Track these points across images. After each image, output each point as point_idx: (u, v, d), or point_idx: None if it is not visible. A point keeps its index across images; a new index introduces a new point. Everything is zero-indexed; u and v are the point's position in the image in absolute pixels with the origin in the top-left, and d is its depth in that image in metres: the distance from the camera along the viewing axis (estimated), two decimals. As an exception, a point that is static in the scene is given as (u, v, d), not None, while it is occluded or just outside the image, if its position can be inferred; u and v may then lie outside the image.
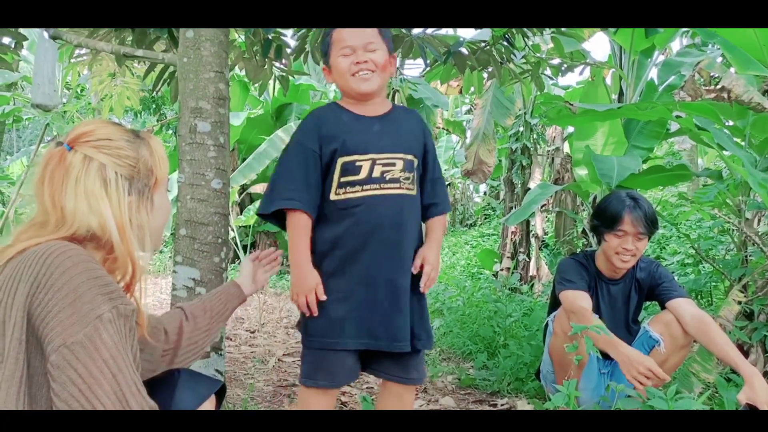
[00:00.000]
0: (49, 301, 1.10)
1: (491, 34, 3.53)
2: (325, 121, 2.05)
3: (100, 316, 1.10)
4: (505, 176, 7.58)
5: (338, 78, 2.05)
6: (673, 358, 2.61)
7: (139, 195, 1.30)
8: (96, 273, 1.15)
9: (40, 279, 1.11)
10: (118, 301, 1.15)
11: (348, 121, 2.05)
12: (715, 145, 3.07)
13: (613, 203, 2.67)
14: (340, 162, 1.99)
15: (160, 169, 1.36)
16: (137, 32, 3.09)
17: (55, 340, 1.08)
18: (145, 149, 1.34)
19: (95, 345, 1.09)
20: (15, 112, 10.48)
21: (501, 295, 5.21)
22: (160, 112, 11.08)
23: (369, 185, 1.99)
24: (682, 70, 4.89)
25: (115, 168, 1.27)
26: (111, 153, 1.27)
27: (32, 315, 1.11)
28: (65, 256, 1.14)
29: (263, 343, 4.48)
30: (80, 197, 1.23)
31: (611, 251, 2.65)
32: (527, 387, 3.27)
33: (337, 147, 1.99)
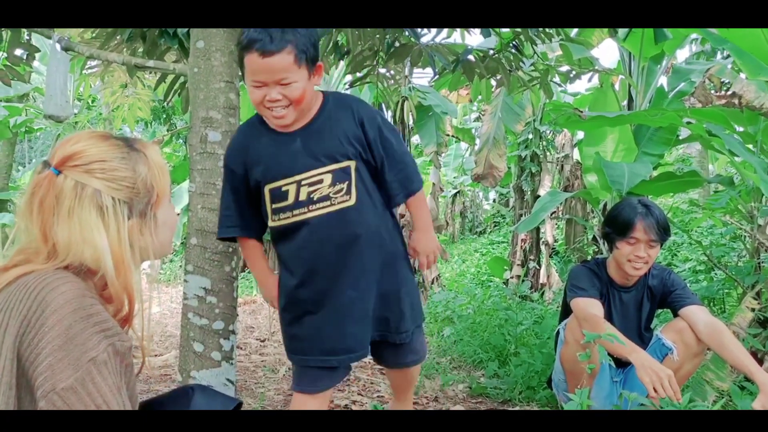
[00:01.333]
0: (39, 343, 1.01)
1: (498, 41, 3.54)
2: (248, 143, 2.01)
3: (93, 358, 1.02)
4: (514, 183, 7.57)
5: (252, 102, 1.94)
6: (687, 366, 2.59)
7: (140, 217, 1.20)
8: (90, 309, 1.06)
9: (30, 317, 1.03)
10: (114, 338, 1.06)
11: (268, 143, 1.97)
12: (726, 152, 3.06)
13: (625, 210, 2.66)
14: (267, 188, 1.98)
15: (161, 183, 1.24)
16: (148, 43, 3.12)
17: (45, 385, 1.00)
18: (143, 164, 1.21)
19: (87, 390, 1.01)
20: (27, 122, 10.59)
21: (511, 302, 5.19)
22: (171, 122, 11.18)
23: (298, 209, 1.95)
24: (692, 76, 4.87)
25: (111, 193, 1.15)
26: (106, 176, 1.15)
27: (22, 356, 1.03)
28: (58, 291, 1.05)
29: (273, 352, 4.48)
30: (74, 229, 1.12)
31: (623, 259, 2.63)
32: (539, 395, 3.25)
33: (261, 173, 1.97)
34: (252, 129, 2.03)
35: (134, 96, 4.60)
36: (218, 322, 2.48)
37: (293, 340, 2.09)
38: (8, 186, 12.21)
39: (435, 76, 3.77)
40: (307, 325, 2.04)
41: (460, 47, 3.55)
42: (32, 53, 3.40)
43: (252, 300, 6.97)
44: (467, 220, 16.95)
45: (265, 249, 2.23)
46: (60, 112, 2.92)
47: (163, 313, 6.20)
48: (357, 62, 3.71)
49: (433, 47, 3.39)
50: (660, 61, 5.22)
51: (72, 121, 9.58)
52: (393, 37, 3.46)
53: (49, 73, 2.94)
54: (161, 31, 2.95)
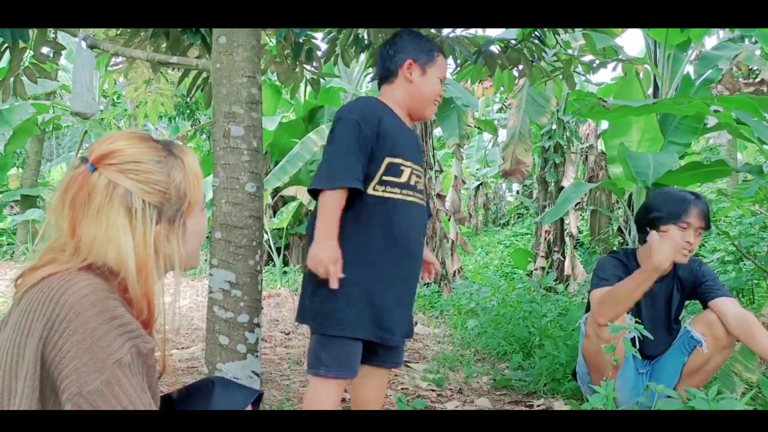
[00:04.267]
0: (63, 346, 1.01)
1: (520, 32, 3.50)
2: (382, 115, 2.10)
3: (118, 360, 1.02)
4: (538, 175, 7.51)
5: (420, 92, 2.18)
6: (716, 359, 2.55)
7: (169, 224, 1.18)
8: (115, 312, 1.05)
9: (54, 320, 1.03)
10: (138, 340, 1.06)
11: (398, 124, 2.15)
12: (755, 140, 3.00)
13: (676, 196, 2.60)
14: (387, 161, 2.07)
15: (194, 192, 1.22)
16: (171, 39, 3.15)
17: (71, 388, 1.00)
18: (178, 170, 1.20)
19: (113, 392, 1.01)
20: (55, 119, 10.78)
21: (536, 294, 5.17)
22: (194, 117, 11.26)
23: (407, 190, 2.10)
24: (719, 63, 4.79)
25: (142, 195, 1.14)
26: (139, 178, 1.14)
27: (46, 359, 1.02)
28: (81, 293, 1.05)
29: (298, 345, 4.51)
30: (101, 227, 1.11)
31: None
32: (564, 387, 3.23)
33: (388, 146, 2.07)
34: (381, 105, 2.16)
35: (157, 91, 4.65)
36: (243, 315, 2.50)
37: (345, 311, 2.00)
38: (37, 182, 12.43)
39: (456, 68, 3.74)
40: (374, 298, 2.02)
41: (481, 39, 3.52)
42: (58, 51, 3.45)
43: (276, 293, 7.03)
44: (490, 211, 16.88)
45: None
46: (86, 109, 2.97)
47: (189, 306, 6.28)
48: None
49: (454, 39, 3.37)
50: (686, 49, 5.14)
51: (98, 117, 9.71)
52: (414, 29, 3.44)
53: (75, 71, 2.98)
54: (184, 28, 2.97)
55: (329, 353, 2.02)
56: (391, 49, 2.20)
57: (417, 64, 2.17)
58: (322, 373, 2.02)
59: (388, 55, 2.20)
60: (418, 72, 2.17)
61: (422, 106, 2.21)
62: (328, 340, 2.02)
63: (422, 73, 2.18)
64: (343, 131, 2.02)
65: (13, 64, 3.22)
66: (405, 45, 2.19)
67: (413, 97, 2.19)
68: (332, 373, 2.02)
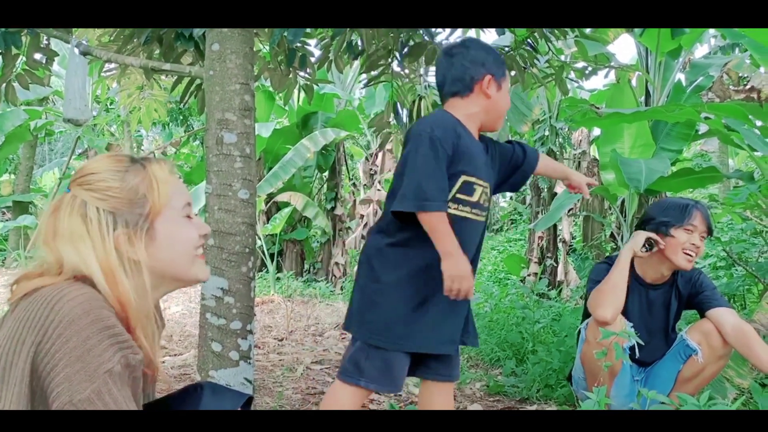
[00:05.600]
0: (56, 354, 1.02)
1: (513, 39, 3.52)
2: (460, 132, 2.03)
3: (109, 370, 1.04)
4: (531, 181, 7.53)
5: (497, 108, 2.13)
6: (710, 369, 2.55)
7: (128, 227, 1.18)
8: (107, 321, 1.07)
9: (47, 328, 1.04)
10: (128, 351, 1.08)
11: (472, 141, 2.08)
12: (745, 147, 3.03)
13: (678, 201, 2.67)
14: (463, 179, 2.01)
15: (156, 195, 1.22)
16: (164, 46, 3.15)
17: (62, 396, 1.01)
18: (136, 176, 1.21)
19: (104, 401, 1.02)
20: (47, 125, 10.75)
21: (529, 300, 5.16)
22: (188, 123, 11.25)
23: (476, 209, 2.07)
24: (710, 70, 4.83)
25: (95, 203, 1.17)
26: (92, 187, 1.18)
27: (38, 367, 1.03)
28: (75, 302, 1.06)
29: (291, 351, 4.50)
30: (65, 240, 1.15)
31: (677, 248, 2.57)
32: (557, 393, 3.24)
33: (465, 164, 2.01)
34: (459, 124, 2.07)
35: (151, 98, 4.64)
36: (236, 322, 2.50)
37: (398, 324, 1.96)
38: (29, 188, 12.38)
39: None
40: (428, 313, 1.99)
41: (474, 45, 3.54)
42: (51, 57, 3.45)
43: (270, 299, 7.01)
44: (484, 217, 16.86)
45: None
46: (79, 115, 2.96)
47: (182, 313, 6.26)
48: (372, 61, 3.72)
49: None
50: (677, 56, 5.18)
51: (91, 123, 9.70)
52: (407, 36, 3.47)
53: (68, 78, 2.97)
54: (177, 34, 2.98)
55: (373, 365, 1.96)
56: (466, 60, 2.08)
57: (494, 80, 2.09)
58: (363, 384, 1.97)
59: (462, 66, 2.08)
60: (495, 87, 2.09)
61: (496, 120, 2.16)
62: (375, 352, 1.97)
63: (498, 88, 2.10)
64: (428, 151, 1.93)
65: (5, 70, 3.22)
66: (479, 57, 2.08)
67: (489, 112, 2.12)
68: (373, 385, 1.97)
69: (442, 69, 2.14)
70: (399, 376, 2.00)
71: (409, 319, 1.96)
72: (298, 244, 9.40)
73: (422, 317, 1.97)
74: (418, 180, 1.91)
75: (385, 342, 1.96)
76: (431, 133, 1.95)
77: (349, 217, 9.28)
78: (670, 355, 2.66)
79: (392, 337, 1.96)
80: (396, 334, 1.96)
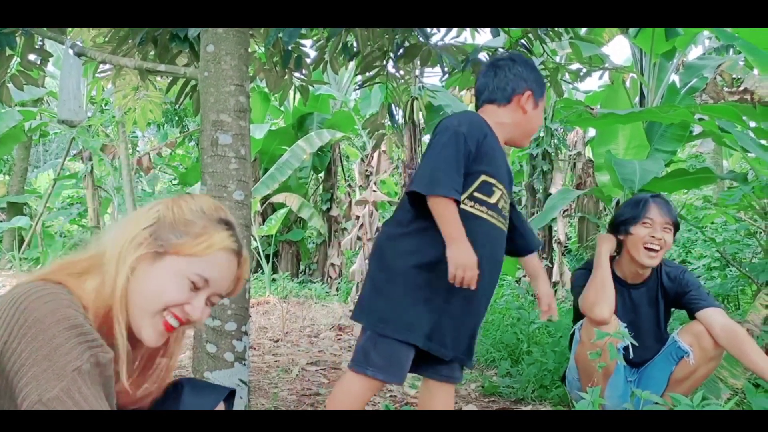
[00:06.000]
0: (23, 353, 1.01)
1: (507, 40, 3.53)
2: (487, 132, 2.04)
3: (78, 368, 1.02)
4: (526, 182, 7.55)
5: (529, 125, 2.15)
6: (702, 370, 2.56)
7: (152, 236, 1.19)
8: (74, 320, 1.05)
9: (13, 326, 1.02)
10: (97, 350, 1.06)
11: (497, 145, 2.08)
12: (738, 148, 3.04)
13: (634, 198, 2.71)
14: (482, 178, 2.01)
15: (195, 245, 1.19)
16: (159, 47, 3.15)
17: (31, 395, 0.99)
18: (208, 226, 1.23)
19: (74, 399, 1.00)
20: (41, 126, 10.72)
21: (524, 301, 5.18)
22: (183, 124, 11.24)
23: (493, 212, 2.04)
24: (704, 72, 4.85)
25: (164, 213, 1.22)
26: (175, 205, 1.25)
27: (5, 366, 1.02)
28: (41, 301, 1.05)
29: (286, 352, 4.50)
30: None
31: (639, 244, 2.59)
32: (551, 394, 3.24)
33: (487, 163, 2.01)
34: (486, 124, 2.08)
35: (146, 99, 4.63)
36: (231, 323, 2.50)
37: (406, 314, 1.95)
38: (23, 189, 12.34)
39: (444, 75, 3.77)
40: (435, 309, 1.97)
41: (469, 47, 3.55)
42: (45, 58, 3.45)
43: (265, 300, 7.01)
44: (479, 218, 16.90)
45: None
46: (73, 116, 2.96)
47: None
48: (367, 62, 3.72)
49: (442, 47, 3.39)
50: (671, 58, 5.20)
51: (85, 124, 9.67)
52: (402, 37, 3.47)
53: (62, 79, 2.97)
54: (172, 35, 2.98)
55: (380, 354, 1.96)
56: (510, 72, 2.11)
57: (533, 97, 2.11)
58: (370, 374, 1.96)
59: (506, 77, 2.11)
60: (532, 104, 2.12)
61: (524, 137, 2.18)
62: (382, 341, 1.96)
63: (535, 106, 2.13)
64: (450, 142, 1.96)
65: (0, 71, 3.21)
66: (525, 72, 2.12)
67: (520, 128, 2.14)
68: (380, 375, 1.96)
69: (485, 78, 2.16)
70: (405, 367, 1.99)
71: (416, 311, 1.95)
72: (293, 245, 9.40)
73: (430, 313, 1.96)
74: (433, 166, 1.94)
75: (391, 330, 1.95)
76: (458, 127, 1.97)
77: (345, 218, 9.28)
78: (662, 356, 2.67)
79: (398, 326, 1.94)
80: (402, 322, 1.94)
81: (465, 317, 2.05)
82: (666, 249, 2.61)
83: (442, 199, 1.90)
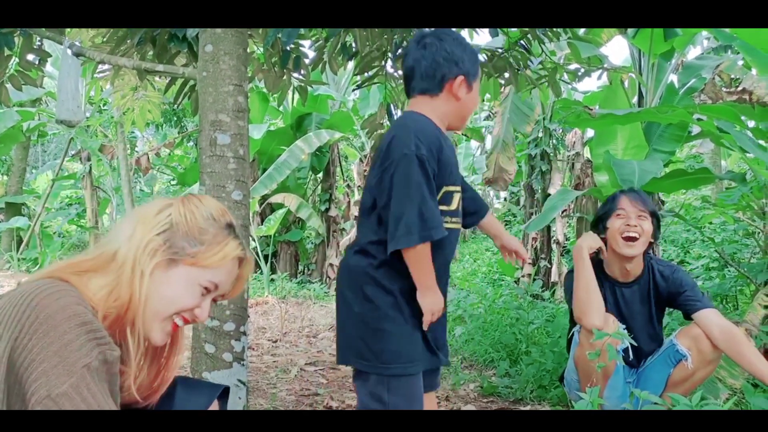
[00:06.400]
0: (33, 349, 1.02)
1: (506, 40, 3.53)
2: (441, 141, 1.90)
3: (87, 365, 1.04)
4: (525, 182, 7.55)
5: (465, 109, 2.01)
6: (701, 373, 2.56)
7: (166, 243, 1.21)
8: (84, 317, 1.07)
9: (24, 323, 1.04)
10: (105, 347, 1.08)
11: (450, 149, 1.95)
12: (737, 148, 3.04)
13: (609, 198, 2.78)
14: (444, 190, 1.92)
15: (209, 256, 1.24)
16: (158, 47, 3.15)
17: (40, 391, 1.01)
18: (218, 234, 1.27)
19: (82, 396, 1.02)
20: (40, 126, 10.71)
21: (523, 301, 5.18)
22: (182, 124, 11.23)
23: (455, 218, 1.98)
24: (702, 72, 4.85)
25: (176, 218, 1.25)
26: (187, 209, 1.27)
27: (15, 362, 1.03)
28: (52, 298, 1.06)
29: (285, 353, 4.50)
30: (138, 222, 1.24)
31: (617, 236, 2.61)
32: (550, 394, 3.24)
33: (447, 173, 1.91)
34: (438, 129, 1.94)
35: (144, 99, 4.63)
36: (229, 324, 2.49)
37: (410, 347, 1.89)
38: (22, 190, 12.32)
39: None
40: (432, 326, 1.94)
41: (468, 47, 3.55)
42: (44, 58, 3.44)
43: (264, 301, 7.00)
44: (478, 218, 16.89)
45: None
46: (71, 117, 2.95)
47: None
48: (365, 63, 3.72)
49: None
50: (670, 58, 5.20)
51: (84, 125, 9.66)
52: (401, 37, 3.47)
53: (61, 79, 2.97)
54: (171, 36, 2.97)
55: (398, 394, 1.88)
56: (438, 55, 1.92)
57: (466, 81, 1.95)
58: None
59: (435, 62, 1.92)
60: (466, 89, 1.95)
61: (461, 121, 2.03)
62: (395, 381, 1.88)
63: (469, 89, 1.96)
64: (414, 172, 1.79)
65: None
66: (455, 52, 1.93)
67: (456, 115, 1.99)
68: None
69: (412, 59, 1.96)
70: (422, 396, 1.95)
71: (414, 339, 1.91)
72: (292, 246, 9.39)
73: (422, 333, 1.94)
74: (419, 210, 1.79)
75: (403, 369, 1.87)
76: (417, 151, 1.80)
77: (343, 219, 9.28)
78: (660, 358, 2.67)
79: (407, 361, 1.88)
80: (410, 357, 1.88)
81: (445, 321, 2.08)
82: (646, 237, 2.62)
83: (427, 245, 1.81)
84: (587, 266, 2.59)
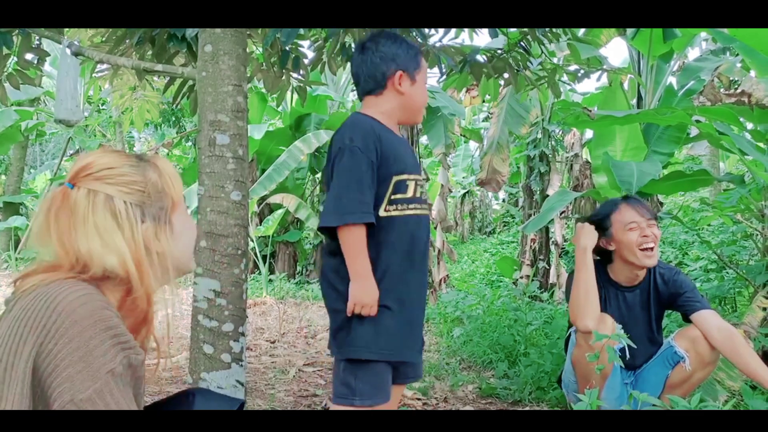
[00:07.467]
0: (58, 354, 1.02)
1: (506, 41, 3.53)
2: (380, 134, 2.00)
3: (112, 370, 1.04)
4: (523, 183, 7.56)
5: (413, 102, 2.10)
6: (699, 375, 2.55)
7: (155, 221, 1.20)
8: (110, 322, 1.07)
9: (49, 327, 1.04)
10: (129, 351, 1.08)
11: (393, 138, 2.05)
12: (736, 150, 3.04)
13: (607, 206, 2.73)
14: (394, 180, 2.00)
15: (173, 189, 1.25)
16: (157, 47, 3.14)
17: (64, 396, 1.01)
18: (153, 171, 1.23)
19: (105, 402, 1.03)
20: (38, 126, 10.69)
21: (521, 303, 5.18)
22: (180, 124, 11.22)
23: (414, 204, 2.04)
24: (701, 74, 4.85)
25: (123, 197, 1.16)
26: (115, 181, 1.17)
27: (39, 366, 1.03)
28: (78, 302, 1.06)
29: (283, 353, 4.49)
30: (92, 236, 1.13)
31: (633, 248, 2.60)
32: (549, 396, 3.24)
33: (393, 164, 1.99)
34: (375, 122, 2.04)
35: (143, 98, 4.63)
36: (228, 324, 2.49)
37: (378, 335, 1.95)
38: (20, 189, 12.31)
39: (442, 76, 3.77)
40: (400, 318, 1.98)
41: (467, 48, 3.55)
42: (42, 57, 3.44)
43: (262, 301, 7.00)
44: (476, 220, 16.95)
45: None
46: (70, 116, 2.95)
47: (174, 315, 6.24)
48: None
49: (440, 48, 3.39)
50: (669, 60, 5.20)
51: (82, 124, 9.65)
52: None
53: (59, 78, 2.96)
54: (170, 35, 2.97)
55: (364, 380, 1.95)
56: (376, 56, 2.04)
57: (407, 74, 2.05)
58: (357, 403, 1.94)
59: (373, 63, 2.04)
60: (408, 82, 2.06)
61: (414, 114, 2.14)
62: (362, 367, 1.95)
63: (412, 82, 2.07)
64: (348, 163, 1.92)
65: (-4, 70, 3.20)
66: (390, 52, 2.04)
67: (405, 108, 2.10)
68: (368, 401, 1.94)
69: (355, 65, 2.10)
70: (389, 386, 2.01)
71: (385, 330, 1.96)
72: (290, 246, 9.38)
73: (395, 327, 1.98)
74: (338, 194, 1.92)
75: (369, 354, 1.94)
76: (351, 144, 1.93)
77: (342, 219, 9.25)
78: (658, 360, 2.67)
79: (376, 348, 1.95)
80: (379, 345, 1.95)
81: (420, 318, 2.13)
82: (658, 242, 2.64)
83: (352, 228, 1.90)
84: (589, 269, 2.58)
